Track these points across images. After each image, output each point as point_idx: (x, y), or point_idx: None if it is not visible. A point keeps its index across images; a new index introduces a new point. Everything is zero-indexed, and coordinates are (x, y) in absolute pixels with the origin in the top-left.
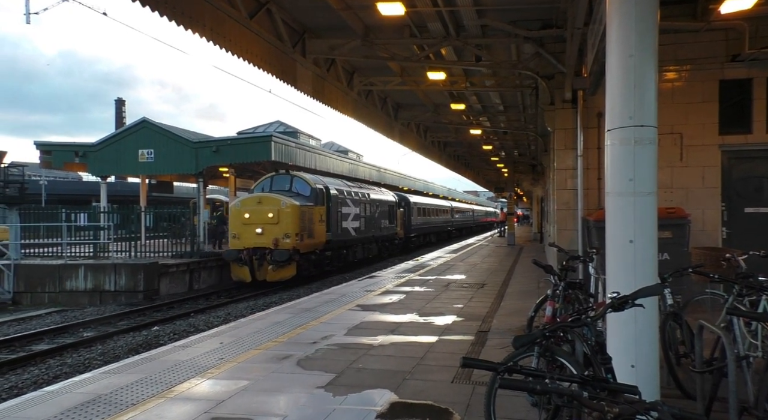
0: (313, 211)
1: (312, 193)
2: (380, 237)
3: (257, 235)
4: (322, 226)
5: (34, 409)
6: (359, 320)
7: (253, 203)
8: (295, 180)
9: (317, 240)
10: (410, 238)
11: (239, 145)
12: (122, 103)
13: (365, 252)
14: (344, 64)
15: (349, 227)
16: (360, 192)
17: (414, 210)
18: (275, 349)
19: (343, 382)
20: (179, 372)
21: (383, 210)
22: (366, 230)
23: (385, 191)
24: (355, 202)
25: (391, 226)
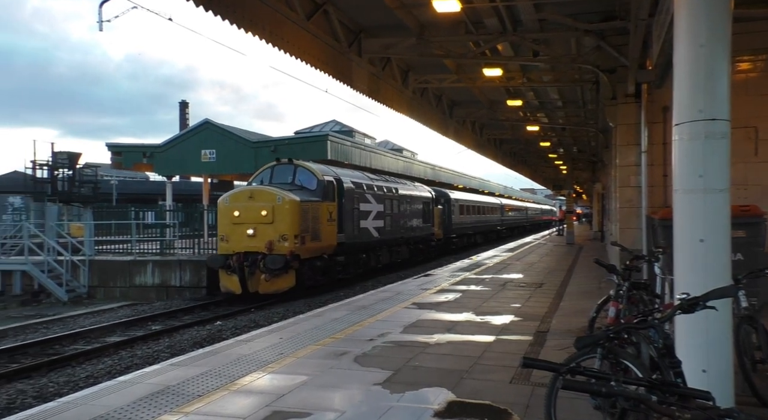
0: (320, 208)
1: (319, 186)
2: (412, 238)
3: (248, 237)
4: (332, 225)
5: (109, 397)
6: (415, 318)
7: (244, 199)
8: (298, 171)
9: (325, 243)
10: (451, 239)
11: (296, 145)
12: (186, 105)
13: (392, 256)
14: (399, 63)
15: (370, 227)
16: (385, 186)
17: (455, 207)
18: (333, 345)
19: (399, 380)
20: (241, 366)
21: (416, 207)
22: (393, 230)
23: (419, 186)
24: (378, 198)
25: (427, 226)
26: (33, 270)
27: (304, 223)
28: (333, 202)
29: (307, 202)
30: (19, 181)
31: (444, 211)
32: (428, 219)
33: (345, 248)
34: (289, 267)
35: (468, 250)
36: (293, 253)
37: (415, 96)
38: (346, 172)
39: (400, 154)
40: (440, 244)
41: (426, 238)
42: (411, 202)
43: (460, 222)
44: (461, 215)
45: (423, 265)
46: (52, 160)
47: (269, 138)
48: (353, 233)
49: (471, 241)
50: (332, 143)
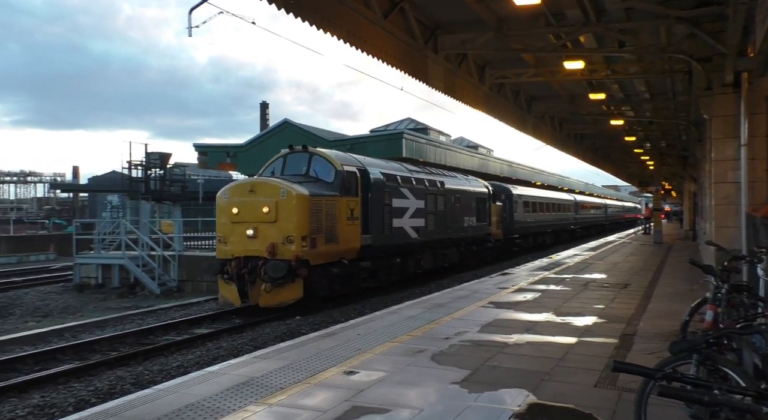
0: (338, 204)
1: (337, 177)
2: (463, 239)
3: (248, 238)
4: (354, 225)
5: (199, 386)
6: (492, 317)
7: (243, 193)
8: (314, 160)
9: (344, 245)
10: (512, 240)
11: (371, 143)
12: (266, 106)
13: (437, 259)
14: (476, 58)
15: (406, 227)
16: (427, 179)
17: (518, 204)
18: (409, 342)
19: (477, 379)
20: (321, 360)
21: (467, 203)
22: (437, 230)
23: (472, 179)
24: (417, 193)
25: (482, 225)
26: (129, 264)
27: (316, 222)
28: (355, 197)
29: (319, 197)
30: (117, 180)
31: (504, 209)
32: (483, 217)
33: (372, 251)
34: (295, 275)
35: (534, 252)
36: (299, 257)
37: (492, 92)
38: (373, 161)
39: (475, 151)
40: (499, 246)
41: (481, 238)
42: (461, 197)
43: (524, 220)
44: (525, 213)
45: (477, 270)
46: (145, 161)
47: (345, 137)
48: (383, 234)
49: (538, 241)
50: (407, 141)
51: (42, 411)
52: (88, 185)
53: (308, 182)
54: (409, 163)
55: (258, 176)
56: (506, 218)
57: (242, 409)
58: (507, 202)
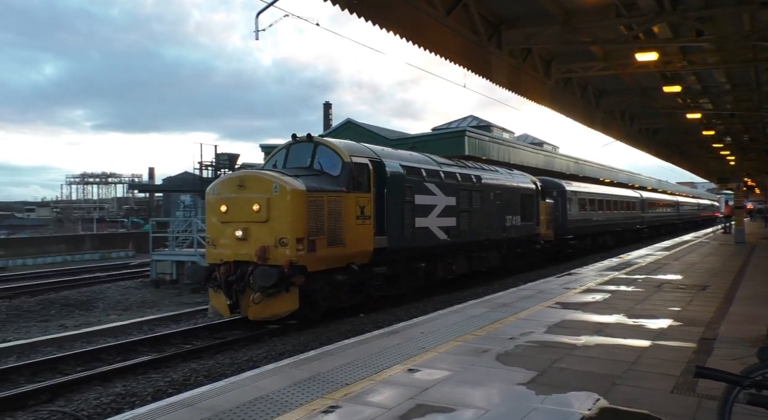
0: (344, 201)
1: (344, 171)
2: (505, 240)
3: (237, 240)
4: (366, 225)
5: (268, 380)
6: (559, 318)
7: (232, 188)
8: (319, 150)
9: (352, 248)
10: (566, 242)
11: (434, 141)
12: (329, 106)
13: (472, 264)
14: (541, 53)
15: (433, 227)
16: (460, 173)
17: (573, 201)
18: (473, 342)
19: (544, 381)
20: (385, 358)
21: (510, 201)
22: (471, 231)
23: (517, 174)
24: (446, 188)
25: (528, 225)
26: (201, 261)
27: (315, 222)
28: (367, 192)
29: (320, 193)
30: (189, 180)
31: (556, 207)
32: (530, 216)
33: (388, 255)
34: (289, 283)
35: (592, 254)
36: (293, 263)
37: (558, 86)
38: (396, 153)
39: (540, 148)
40: (550, 248)
41: (528, 239)
42: (502, 194)
43: (580, 219)
44: (582, 211)
45: (522, 274)
46: (215, 162)
47: (407, 135)
48: (403, 235)
49: (597, 243)
50: (470, 139)
51: (124, 399)
52: (163, 185)
53: (309, 176)
54: (471, 160)
55: (261, 169)
56: (558, 217)
57: (309, 403)
58: (559, 200)
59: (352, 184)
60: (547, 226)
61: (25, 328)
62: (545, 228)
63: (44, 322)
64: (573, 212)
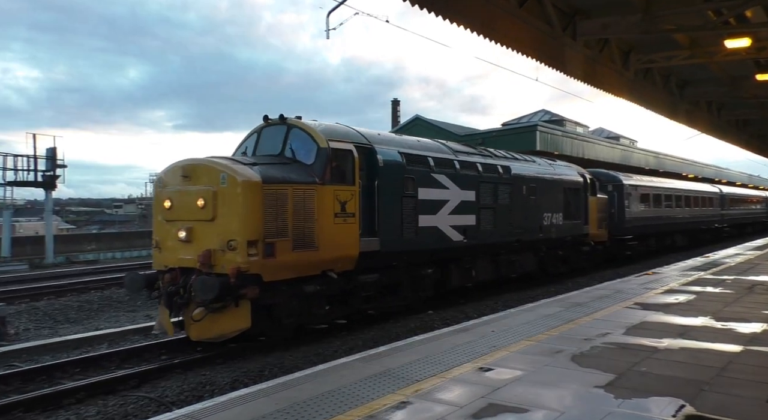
0: (317, 195)
1: (320, 158)
2: (542, 241)
3: (181, 242)
4: (349, 224)
5: (339, 374)
6: (639, 320)
7: (176, 180)
8: (292, 134)
9: (329, 252)
10: (623, 242)
11: (504, 137)
12: (397, 103)
13: (499, 268)
14: (619, 43)
15: (444, 225)
16: (482, 163)
17: (632, 197)
18: (546, 341)
19: (624, 385)
20: (455, 355)
21: (550, 195)
22: (497, 230)
23: (559, 165)
24: (463, 180)
25: (573, 223)
26: None
27: (275, 220)
28: (350, 185)
29: (281, 185)
30: None
31: (612, 203)
32: (576, 213)
33: (381, 260)
34: (238, 296)
35: (656, 257)
36: (244, 271)
37: (637, 77)
38: (395, 138)
39: (616, 143)
40: (603, 250)
41: (572, 240)
42: (538, 187)
43: (641, 217)
44: (643, 208)
45: (560, 283)
46: None
47: (477, 131)
48: (401, 235)
49: (663, 243)
50: (541, 133)
51: (204, 388)
52: None
53: (275, 165)
54: (543, 155)
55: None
56: (614, 214)
57: (380, 398)
58: (615, 195)
59: (329, 174)
60: (598, 224)
61: (114, 317)
62: (596, 227)
63: (132, 312)
64: (632, 209)
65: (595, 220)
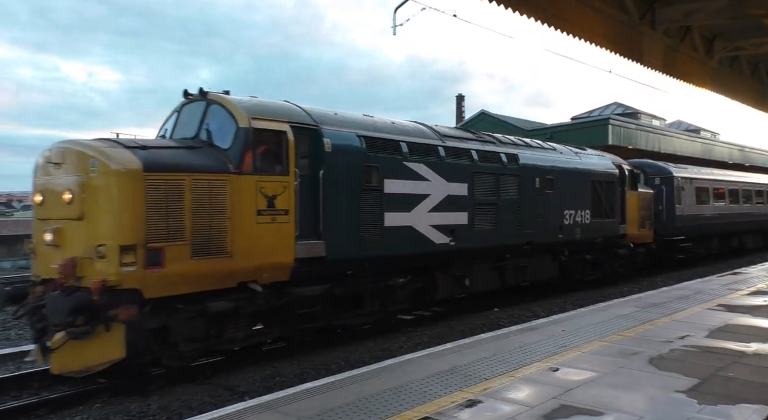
0: (230, 187)
1: (237, 141)
2: (564, 244)
3: (50, 247)
4: (280, 224)
5: (404, 369)
6: (722, 322)
7: (47, 168)
8: (210, 112)
9: (250, 260)
10: (673, 244)
11: (573, 131)
12: (462, 98)
13: (504, 276)
14: (702, 31)
15: (421, 225)
16: (477, 149)
17: (685, 191)
18: (621, 343)
19: (708, 390)
20: (524, 354)
21: (573, 189)
22: (501, 231)
23: (587, 154)
24: (450, 171)
25: (604, 222)
26: None
27: (164, 219)
28: (282, 175)
29: (174, 174)
30: None
31: (659, 199)
32: (608, 211)
33: (330, 268)
34: (106, 318)
35: (720, 261)
36: (113, 286)
37: (722, 66)
38: (354, 118)
39: (696, 136)
40: (647, 253)
41: (603, 242)
42: (556, 180)
43: (697, 215)
44: (701, 204)
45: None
46: None
47: (544, 125)
48: (358, 237)
49: (730, 245)
50: (614, 127)
51: (272, 379)
52: None
53: (174, 148)
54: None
55: None
56: (662, 212)
57: (448, 396)
58: (664, 189)
59: (251, 161)
60: (640, 224)
61: None
62: (636, 227)
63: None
64: (686, 205)
65: (636, 219)
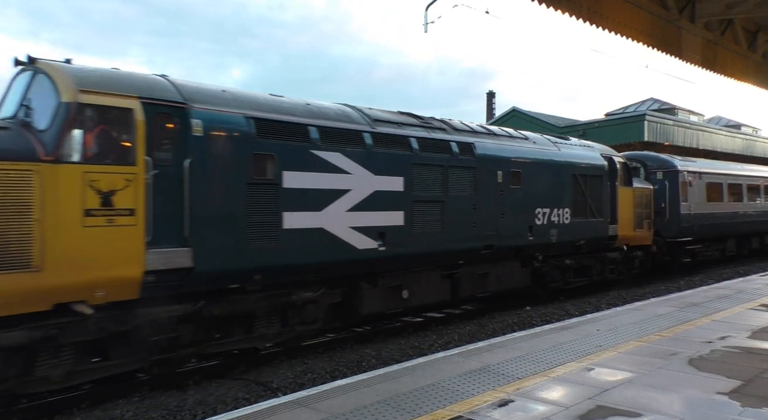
0: (38, 180)
1: (58, 120)
2: (533, 247)
3: None
4: (119, 226)
5: (437, 368)
6: (765, 322)
7: None
8: (36, 82)
9: (73, 275)
10: (679, 246)
11: (607, 127)
12: (492, 95)
13: (458, 287)
14: (744, 23)
15: (336, 227)
16: (416, 136)
17: (693, 187)
18: (659, 343)
19: (751, 393)
20: (558, 353)
21: (547, 183)
22: (448, 234)
23: (567, 143)
24: (372, 161)
25: (589, 223)
26: None
27: None
28: (125, 165)
29: None
30: None
31: (661, 195)
32: (594, 209)
33: (201, 282)
34: None
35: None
36: None
37: (766, 60)
38: (242, 96)
39: (737, 131)
40: (646, 257)
41: (589, 245)
42: (525, 174)
43: (707, 214)
44: (712, 201)
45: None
46: None
47: (578, 122)
48: (243, 244)
49: (748, 246)
50: (650, 123)
51: (305, 375)
52: None
53: None
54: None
55: None
56: (665, 210)
57: (481, 395)
58: (667, 184)
59: (76, 145)
60: (635, 223)
61: None
62: (630, 227)
63: None
64: (693, 202)
65: (630, 218)
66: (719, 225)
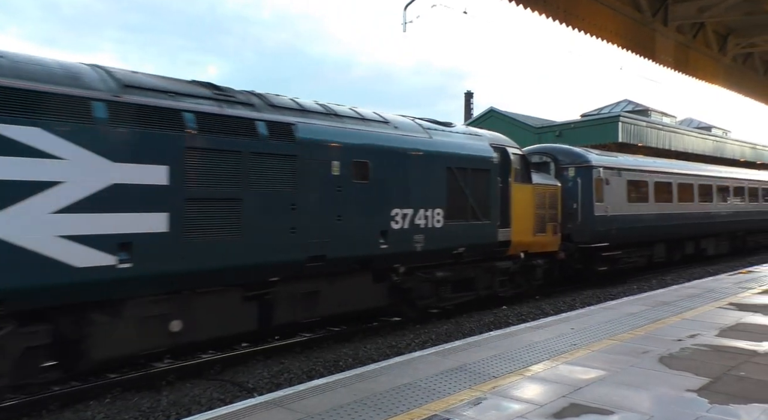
0: None
1: None
2: (386, 257)
3: None
4: None
5: (414, 367)
6: (734, 321)
7: None
8: None
9: None
10: (595, 253)
11: (583, 128)
12: (470, 95)
13: (264, 312)
14: (716, 27)
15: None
16: (191, 111)
17: (612, 185)
18: (631, 341)
19: (720, 390)
20: (532, 352)
21: (410, 180)
22: (240, 242)
23: (451, 132)
24: (109, 141)
25: (470, 226)
26: None
27: None
28: None
29: None
30: None
31: (573, 195)
32: (476, 210)
33: None
34: None
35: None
36: None
37: (735, 63)
38: None
39: (708, 133)
40: (552, 266)
41: (471, 253)
42: (377, 166)
43: (628, 216)
44: (634, 202)
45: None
46: None
47: (554, 122)
48: None
49: (679, 252)
50: (624, 124)
51: (281, 375)
52: None
53: None
54: (625, 149)
55: None
56: (576, 212)
57: (457, 393)
58: (579, 182)
59: None
60: (536, 227)
61: None
62: (529, 232)
63: None
64: (610, 203)
65: (530, 221)
66: (643, 228)
